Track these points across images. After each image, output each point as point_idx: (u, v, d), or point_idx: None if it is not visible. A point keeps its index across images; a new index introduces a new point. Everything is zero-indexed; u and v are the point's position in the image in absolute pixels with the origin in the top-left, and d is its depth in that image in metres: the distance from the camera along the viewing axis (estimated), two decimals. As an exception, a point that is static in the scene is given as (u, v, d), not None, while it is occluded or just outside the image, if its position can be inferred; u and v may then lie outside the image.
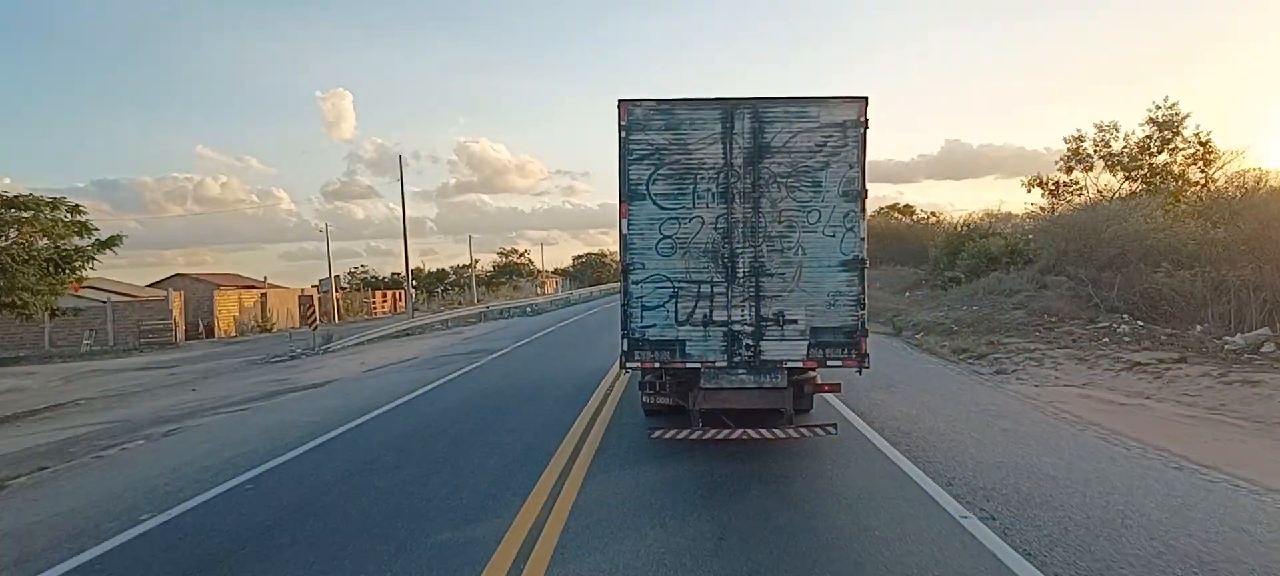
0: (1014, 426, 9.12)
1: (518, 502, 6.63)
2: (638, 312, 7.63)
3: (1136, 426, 8.86)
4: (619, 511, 6.32)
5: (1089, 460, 7.50)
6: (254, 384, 17.99)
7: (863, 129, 7.43)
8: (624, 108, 7.50)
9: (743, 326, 7.56)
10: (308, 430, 10.72)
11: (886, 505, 6.27)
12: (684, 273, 7.56)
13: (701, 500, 6.52)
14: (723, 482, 7.01)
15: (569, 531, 5.86)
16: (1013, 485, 6.71)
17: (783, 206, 7.48)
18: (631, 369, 7.82)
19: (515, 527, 5.99)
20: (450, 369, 17.63)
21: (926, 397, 11.13)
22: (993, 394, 11.35)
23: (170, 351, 34.90)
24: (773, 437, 7.62)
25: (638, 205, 7.55)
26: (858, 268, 7.49)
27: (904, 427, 9.11)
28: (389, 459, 8.68)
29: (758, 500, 6.49)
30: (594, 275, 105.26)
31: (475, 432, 9.88)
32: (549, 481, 7.27)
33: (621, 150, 7.54)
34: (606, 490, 6.96)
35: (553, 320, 36.30)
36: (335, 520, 6.50)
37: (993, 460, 7.58)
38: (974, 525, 5.69)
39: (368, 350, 26.16)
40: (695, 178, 7.51)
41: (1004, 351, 14.84)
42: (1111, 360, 12.75)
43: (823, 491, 6.75)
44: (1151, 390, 10.78)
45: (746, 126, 7.46)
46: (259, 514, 6.82)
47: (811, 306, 7.51)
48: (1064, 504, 6.15)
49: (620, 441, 8.84)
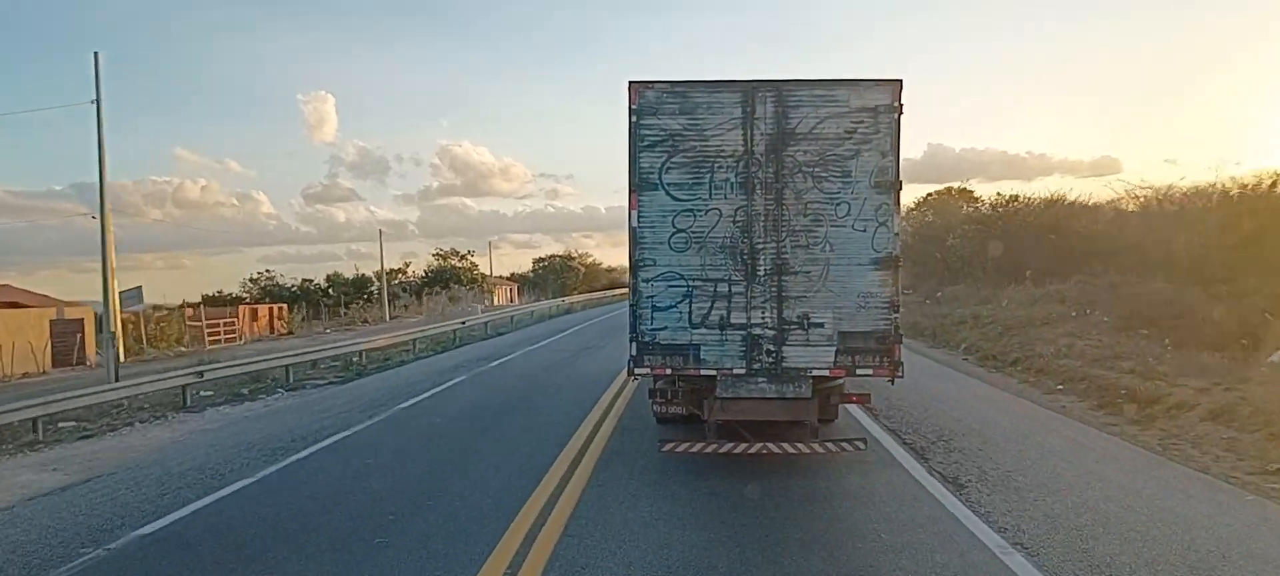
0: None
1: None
2: (648, 314, 6.96)
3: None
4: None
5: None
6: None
7: (897, 114, 6.77)
8: (635, 90, 6.88)
9: (763, 330, 6.88)
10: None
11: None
12: (699, 270, 6.90)
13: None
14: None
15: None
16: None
17: (808, 198, 6.82)
18: (640, 375, 7.15)
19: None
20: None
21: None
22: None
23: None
24: (795, 452, 6.92)
25: (648, 196, 6.91)
26: (891, 266, 6.81)
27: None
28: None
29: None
30: (558, 282, 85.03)
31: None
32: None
33: (631, 136, 6.91)
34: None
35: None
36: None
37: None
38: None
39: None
40: (712, 166, 6.86)
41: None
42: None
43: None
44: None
45: (769, 111, 6.82)
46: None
47: (839, 309, 6.83)
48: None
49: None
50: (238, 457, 8.76)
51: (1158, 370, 10.94)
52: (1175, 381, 10.16)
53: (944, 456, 7.71)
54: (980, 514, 5.96)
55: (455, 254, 76.38)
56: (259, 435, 10.10)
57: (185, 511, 6.70)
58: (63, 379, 22.32)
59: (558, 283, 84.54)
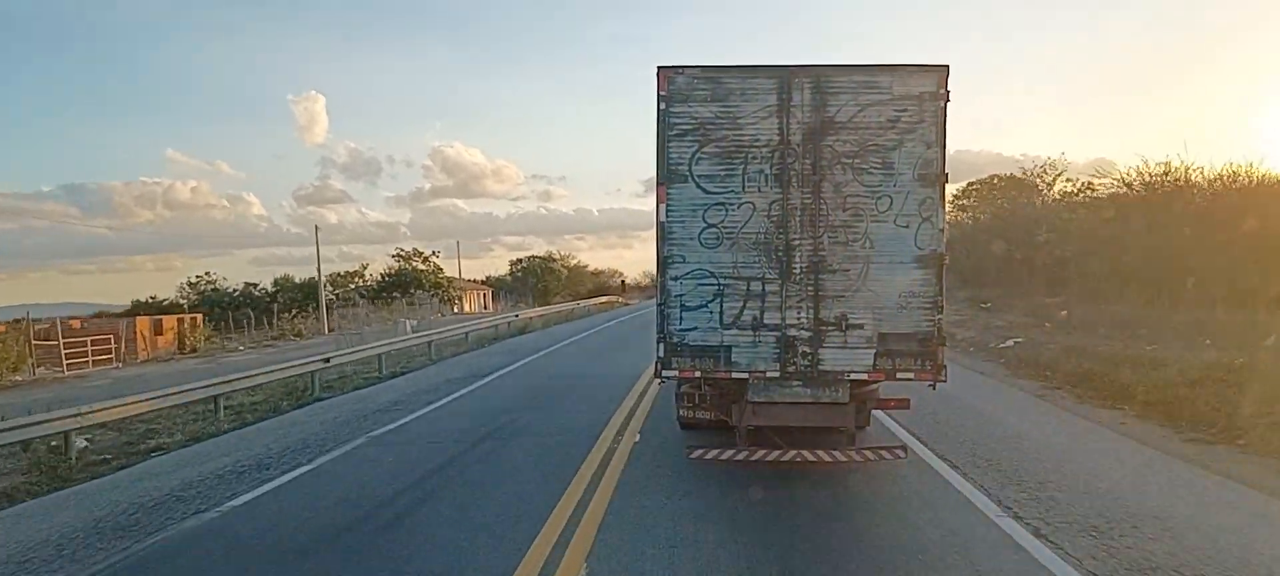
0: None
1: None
2: (676, 313, 6.58)
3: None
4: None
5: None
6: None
7: (943, 102, 6.36)
8: (664, 75, 6.48)
9: (799, 331, 6.49)
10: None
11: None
12: (731, 267, 6.51)
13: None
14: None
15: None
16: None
17: (848, 191, 6.41)
18: (668, 377, 6.77)
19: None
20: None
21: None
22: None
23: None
24: (831, 461, 6.54)
25: (678, 188, 6.52)
26: (935, 264, 6.41)
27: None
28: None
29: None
30: (539, 285, 76.18)
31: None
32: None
33: (660, 124, 6.51)
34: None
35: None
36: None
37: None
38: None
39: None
40: (746, 157, 6.46)
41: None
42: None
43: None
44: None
45: (806, 98, 6.41)
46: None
47: (879, 309, 6.44)
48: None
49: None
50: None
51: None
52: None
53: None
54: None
55: (418, 254, 65.35)
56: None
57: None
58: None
59: (538, 287, 76.00)
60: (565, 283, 79.60)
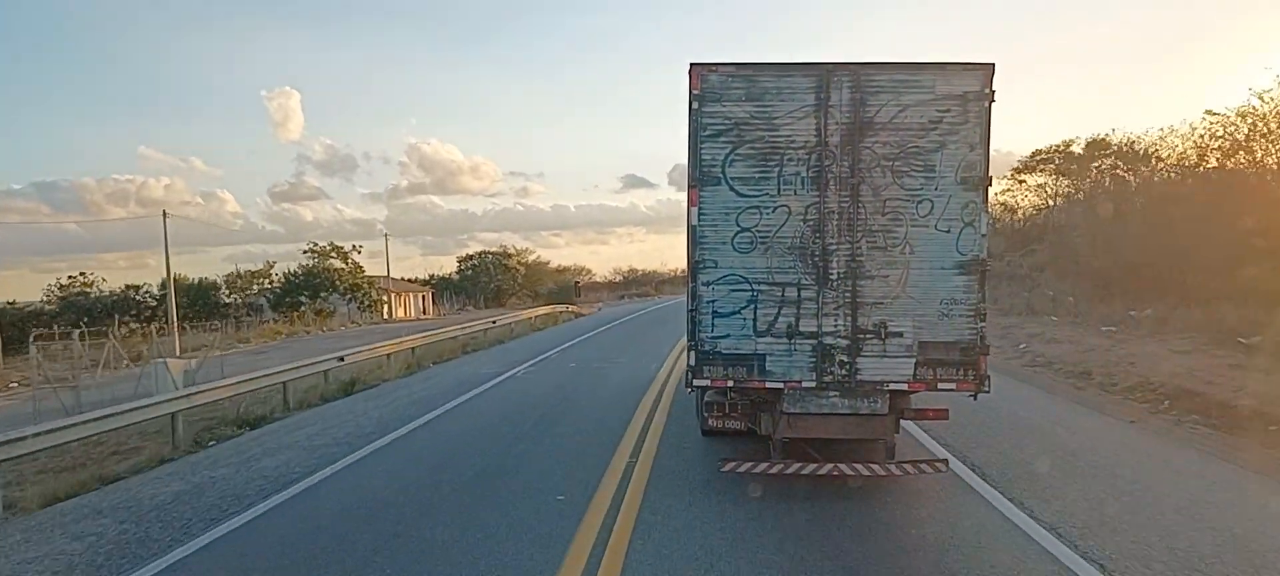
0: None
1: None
2: (708, 320, 6.34)
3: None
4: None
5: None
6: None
7: (988, 102, 6.12)
8: (697, 73, 6.22)
9: (836, 339, 6.25)
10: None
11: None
12: (765, 273, 6.27)
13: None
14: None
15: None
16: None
17: (887, 195, 6.17)
18: (699, 387, 6.53)
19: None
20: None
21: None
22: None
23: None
24: (870, 475, 6.30)
25: (711, 191, 6.27)
26: (978, 271, 6.17)
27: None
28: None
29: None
30: (491, 286, 67.49)
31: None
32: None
33: (692, 125, 6.27)
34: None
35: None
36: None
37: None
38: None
39: None
40: (781, 159, 6.21)
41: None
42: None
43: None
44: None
45: (845, 97, 6.16)
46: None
47: (920, 316, 6.20)
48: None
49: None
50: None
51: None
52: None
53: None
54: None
55: (335, 250, 56.26)
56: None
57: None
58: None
59: (490, 287, 67.32)
60: (522, 282, 71.75)
